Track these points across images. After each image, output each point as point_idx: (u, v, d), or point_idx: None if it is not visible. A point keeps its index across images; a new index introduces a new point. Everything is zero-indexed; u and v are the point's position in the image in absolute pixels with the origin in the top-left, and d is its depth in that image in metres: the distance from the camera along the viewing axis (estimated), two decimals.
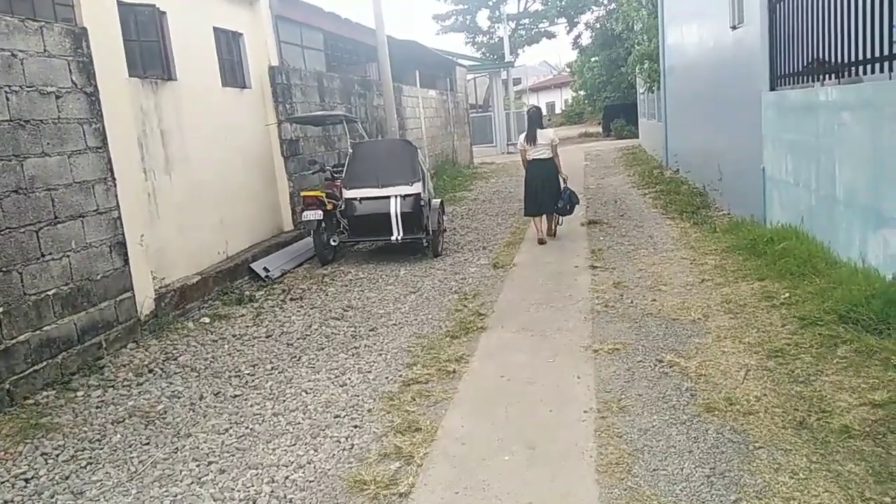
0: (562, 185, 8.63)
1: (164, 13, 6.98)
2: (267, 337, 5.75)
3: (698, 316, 5.16)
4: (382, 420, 3.91)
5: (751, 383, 3.90)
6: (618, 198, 11.99)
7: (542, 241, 8.54)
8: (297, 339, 5.62)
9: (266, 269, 7.92)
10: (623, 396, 3.91)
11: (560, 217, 8.92)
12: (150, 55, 6.83)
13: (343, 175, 8.46)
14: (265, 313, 6.48)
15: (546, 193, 8.54)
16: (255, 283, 7.70)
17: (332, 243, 8.42)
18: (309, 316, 6.27)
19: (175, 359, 5.38)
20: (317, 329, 5.84)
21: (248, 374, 4.92)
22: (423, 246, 8.49)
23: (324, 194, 8.30)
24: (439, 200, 8.81)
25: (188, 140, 7.25)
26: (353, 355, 5.11)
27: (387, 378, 4.57)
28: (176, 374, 5.04)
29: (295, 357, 5.18)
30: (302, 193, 8.39)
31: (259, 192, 8.86)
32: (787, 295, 5.23)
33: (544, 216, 8.76)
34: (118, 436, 4.02)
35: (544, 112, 9.66)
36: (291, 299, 6.92)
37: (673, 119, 15.22)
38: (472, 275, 7.34)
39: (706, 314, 5.18)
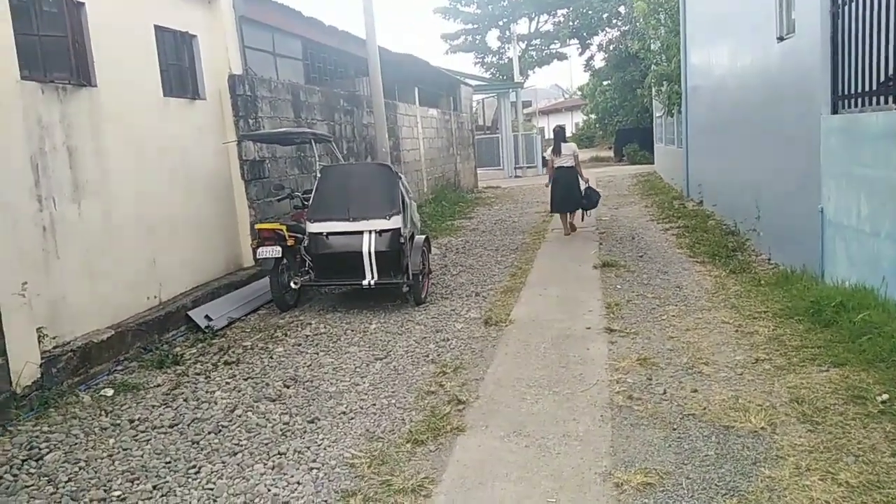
0: (583, 185, 10.39)
1: (80, 4, 5.63)
2: (171, 427, 4.28)
3: (762, 423, 3.66)
4: None
5: None
6: (635, 233, 10.50)
7: (567, 234, 10.57)
8: (210, 432, 4.15)
9: (208, 318, 6.47)
10: None
11: (586, 211, 10.66)
12: (56, 54, 5.45)
13: (309, 205, 7.05)
14: (186, 384, 5.02)
15: (569, 194, 10.35)
16: (193, 336, 6.26)
17: (293, 286, 6.98)
18: (238, 392, 4.81)
19: (40, 458, 3.92)
20: (240, 416, 4.37)
21: (117, 496, 3.45)
22: (403, 291, 7.05)
23: (284, 227, 6.88)
24: (424, 237, 7.35)
25: (110, 160, 5.86)
26: (273, 468, 3.64)
27: None
28: (25, 489, 3.59)
29: (194, 467, 3.71)
30: (256, 226, 6.97)
31: (210, 221, 7.44)
32: (885, 397, 3.73)
33: (567, 213, 10.62)
34: None
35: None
36: (226, 363, 5.46)
37: (695, 145, 13.76)
38: (458, 334, 5.88)
39: (772, 421, 3.69)
